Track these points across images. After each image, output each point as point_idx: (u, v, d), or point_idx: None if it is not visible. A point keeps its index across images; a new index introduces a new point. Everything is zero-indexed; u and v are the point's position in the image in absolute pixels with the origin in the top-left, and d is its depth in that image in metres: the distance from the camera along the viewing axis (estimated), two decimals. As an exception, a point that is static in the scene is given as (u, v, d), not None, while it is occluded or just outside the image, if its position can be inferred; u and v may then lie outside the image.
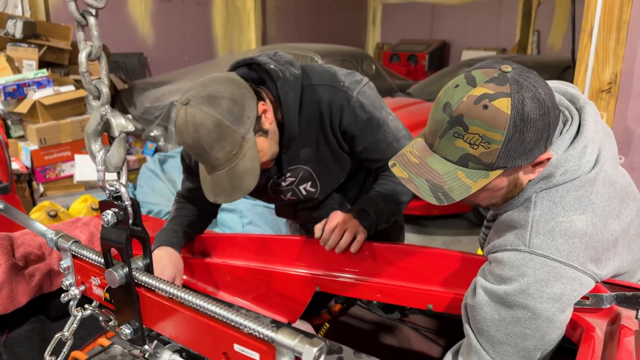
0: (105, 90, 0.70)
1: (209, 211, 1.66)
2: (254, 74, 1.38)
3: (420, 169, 0.97)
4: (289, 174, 1.50)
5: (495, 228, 1.10)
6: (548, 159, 0.97)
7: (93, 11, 0.68)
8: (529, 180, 1.01)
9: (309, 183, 1.52)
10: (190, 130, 1.19)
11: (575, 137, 1.02)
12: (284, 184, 1.52)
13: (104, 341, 1.38)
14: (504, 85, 0.90)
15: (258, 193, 1.58)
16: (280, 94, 1.35)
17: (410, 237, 4.24)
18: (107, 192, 0.73)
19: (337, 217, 1.34)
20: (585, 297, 1.04)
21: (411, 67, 10.56)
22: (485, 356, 1.00)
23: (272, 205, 1.80)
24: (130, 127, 0.69)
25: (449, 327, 1.50)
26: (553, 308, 0.94)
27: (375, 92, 1.48)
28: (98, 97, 0.70)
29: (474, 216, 4.37)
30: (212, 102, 1.20)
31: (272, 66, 1.36)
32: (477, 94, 0.90)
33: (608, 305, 1.03)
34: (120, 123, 0.68)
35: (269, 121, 1.32)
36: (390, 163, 1.03)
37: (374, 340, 1.57)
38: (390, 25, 12.13)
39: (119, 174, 0.73)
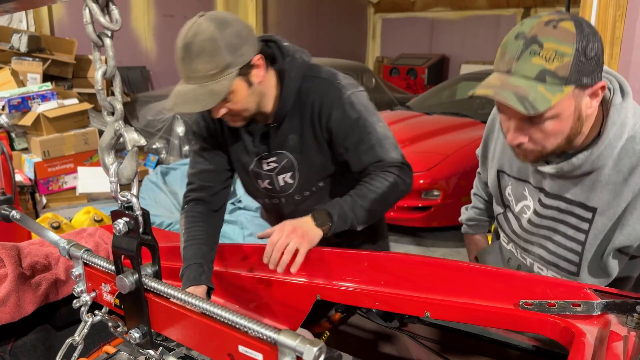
0: (119, 106, 0.74)
1: (221, 200, 1.66)
2: (269, 50, 1.47)
3: (504, 86, 1.06)
4: (273, 158, 1.56)
5: (611, 182, 1.18)
6: (602, 88, 1.10)
7: (109, 33, 0.73)
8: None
9: (289, 174, 1.58)
10: (189, 34, 1.30)
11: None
12: (265, 167, 1.58)
13: (109, 349, 1.40)
14: (563, 14, 1.07)
15: (241, 171, 1.65)
16: (285, 67, 1.45)
17: (410, 249, 4.27)
18: (119, 202, 0.77)
19: (278, 230, 1.33)
20: (577, 305, 1.07)
21: (410, 80, 10.65)
22: None
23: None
24: (143, 142, 0.73)
25: (447, 337, 1.52)
26: None
27: (367, 99, 1.54)
28: (112, 113, 0.75)
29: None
30: (221, 24, 1.30)
31: (286, 44, 1.49)
32: (545, 20, 1.06)
33: (598, 312, 1.07)
34: (133, 138, 0.73)
35: (257, 77, 1.39)
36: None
37: (374, 349, 1.59)
38: (390, 40, 12.25)
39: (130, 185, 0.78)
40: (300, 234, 1.33)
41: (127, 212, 0.78)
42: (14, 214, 1.12)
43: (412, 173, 1.54)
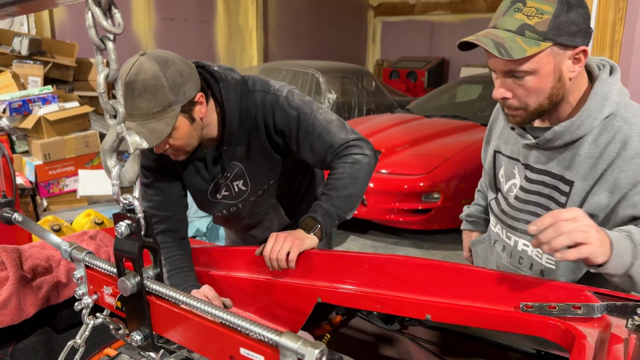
0: (121, 109, 0.74)
1: (185, 225, 1.70)
2: (200, 77, 1.50)
3: (487, 35, 1.16)
4: (226, 171, 1.61)
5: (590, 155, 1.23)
6: (584, 52, 1.17)
7: (111, 36, 0.73)
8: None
9: (241, 181, 1.63)
10: (131, 72, 1.30)
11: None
12: (222, 181, 1.63)
13: (110, 352, 1.41)
14: None
15: (197, 195, 1.69)
16: (222, 93, 1.49)
17: (411, 252, 4.27)
18: (121, 204, 0.78)
19: (272, 239, 1.44)
20: (577, 307, 1.08)
21: (410, 83, 10.66)
22: None
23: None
24: (145, 144, 0.74)
25: (447, 339, 1.53)
26: None
27: (302, 94, 1.61)
28: (114, 116, 0.75)
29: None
30: (164, 63, 1.32)
31: (216, 68, 1.52)
32: None
33: (599, 315, 1.07)
34: (135, 140, 0.73)
35: (199, 113, 1.42)
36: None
37: (374, 352, 1.59)
38: (390, 43, 12.27)
39: (132, 187, 0.78)
40: (291, 240, 1.42)
41: (128, 214, 0.78)
42: (16, 216, 1.13)
43: (368, 143, 1.60)
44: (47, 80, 4.92)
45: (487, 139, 1.60)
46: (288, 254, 1.41)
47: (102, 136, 4.47)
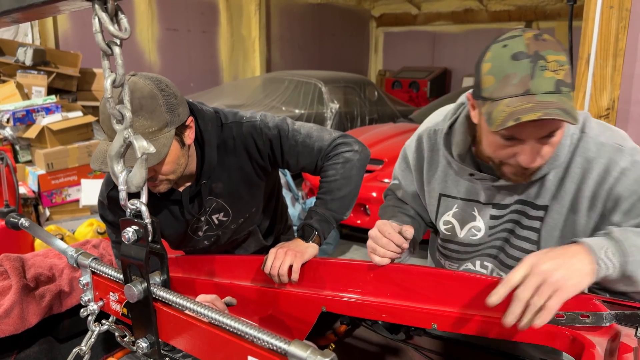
0: (128, 114, 0.74)
1: None
2: None
3: (543, 105, 1.02)
4: (205, 207, 1.57)
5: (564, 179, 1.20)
6: None
7: (118, 41, 0.73)
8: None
9: (222, 213, 1.59)
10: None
11: None
12: (202, 217, 1.59)
13: (112, 361, 1.40)
14: (526, 29, 1.10)
15: (173, 237, 1.64)
16: (200, 124, 1.45)
17: (415, 260, 4.24)
18: (129, 210, 0.77)
19: (272, 254, 1.43)
20: (586, 316, 1.07)
21: (413, 93, 10.70)
22: None
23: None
24: (152, 149, 0.73)
25: (453, 349, 1.51)
26: None
27: (271, 115, 1.60)
28: (121, 121, 0.74)
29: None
30: (158, 82, 1.29)
31: (190, 100, 1.47)
32: (530, 35, 1.07)
33: (608, 324, 1.06)
34: (143, 145, 0.73)
35: (189, 139, 1.39)
36: (510, 123, 1.04)
37: (379, 362, 1.58)
38: (392, 53, 12.32)
39: (139, 193, 0.77)
40: (292, 254, 1.41)
41: (136, 220, 0.78)
42: (23, 221, 1.12)
43: (354, 139, 1.58)
44: (50, 90, 4.94)
45: (418, 177, 1.47)
46: (291, 267, 1.40)
47: (105, 145, 4.45)
